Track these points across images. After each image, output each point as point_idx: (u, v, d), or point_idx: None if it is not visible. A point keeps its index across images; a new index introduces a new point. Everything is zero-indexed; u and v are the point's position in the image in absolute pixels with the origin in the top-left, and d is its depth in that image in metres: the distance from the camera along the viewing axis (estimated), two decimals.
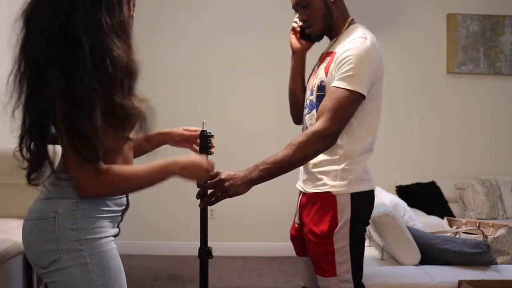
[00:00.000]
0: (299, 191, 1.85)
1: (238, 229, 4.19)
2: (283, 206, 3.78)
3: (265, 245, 4.16)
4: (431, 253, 2.54)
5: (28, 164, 1.18)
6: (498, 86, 4.39)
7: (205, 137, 1.51)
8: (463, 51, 4.31)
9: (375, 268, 2.54)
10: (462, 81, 4.35)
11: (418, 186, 4.11)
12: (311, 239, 1.69)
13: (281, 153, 1.57)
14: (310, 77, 1.85)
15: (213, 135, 1.51)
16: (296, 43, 1.91)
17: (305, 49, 1.91)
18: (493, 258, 2.53)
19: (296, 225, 1.85)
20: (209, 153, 1.51)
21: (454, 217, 3.64)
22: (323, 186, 1.68)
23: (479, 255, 2.49)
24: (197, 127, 1.57)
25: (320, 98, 1.68)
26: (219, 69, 4.20)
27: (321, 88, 1.69)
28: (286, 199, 3.49)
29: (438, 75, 4.35)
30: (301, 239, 1.82)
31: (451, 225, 2.95)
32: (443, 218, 3.10)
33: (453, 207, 4.04)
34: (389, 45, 4.18)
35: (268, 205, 4.07)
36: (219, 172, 1.49)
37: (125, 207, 1.30)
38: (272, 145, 4.15)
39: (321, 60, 1.80)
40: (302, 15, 1.79)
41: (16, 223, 2.31)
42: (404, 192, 4.05)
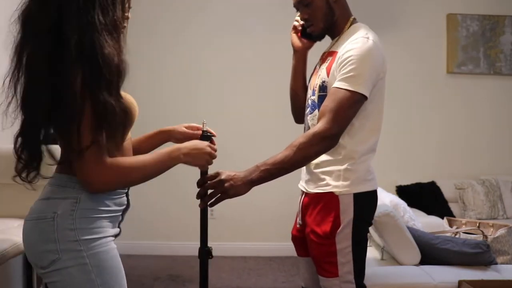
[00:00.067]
0: (301, 191, 1.83)
1: (238, 229, 4.19)
2: (283, 206, 3.78)
3: (265, 245, 4.16)
4: (431, 253, 2.54)
5: (22, 163, 1.18)
6: (498, 86, 4.39)
7: (205, 137, 1.51)
8: (463, 51, 4.30)
9: (375, 268, 2.54)
10: (462, 81, 4.35)
11: (418, 186, 4.11)
12: (313, 239, 1.68)
13: (281, 154, 1.55)
14: (312, 76, 1.84)
15: (213, 135, 1.51)
16: (297, 42, 1.88)
17: (306, 48, 1.89)
18: (493, 258, 2.53)
19: (298, 225, 1.83)
20: None
21: (454, 217, 3.64)
22: (325, 187, 1.67)
23: (479, 255, 2.49)
24: (198, 124, 1.57)
25: (321, 98, 1.67)
26: (219, 69, 4.20)
27: (323, 88, 1.68)
28: (286, 199, 3.49)
29: (438, 75, 4.35)
30: (302, 240, 1.80)
31: (451, 225, 2.95)
32: (443, 218, 3.10)
33: (453, 207, 4.03)
34: (389, 45, 4.17)
35: (268, 205, 4.07)
36: (219, 173, 1.49)
37: (125, 206, 1.30)
38: (272, 145, 4.14)
39: (322, 59, 1.78)
40: (303, 14, 1.77)
41: (16, 223, 2.31)
42: (404, 192, 4.05)
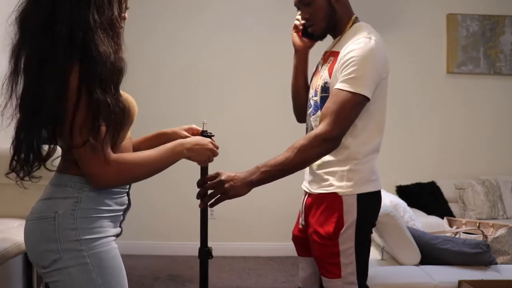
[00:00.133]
0: (304, 191, 1.82)
1: (238, 229, 4.18)
2: (283, 206, 3.78)
3: (265, 245, 4.16)
4: (431, 253, 2.54)
5: (15, 160, 1.18)
6: (498, 86, 4.38)
7: (205, 137, 1.51)
8: (463, 51, 4.30)
9: (375, 268, 2.54)
10: (462, 81, 4.35)
11: (418, 186, 4.11)
12: (316, 240, 1.67)
13: (282, 155, 1.54)
14: (313, 76, 1.82)
15: (213, 135, 1.51)
16: (298, 42, 1.86)
17: (307, 47, 1.87)
18: (493, 258, 2.53)
19: (300, 226, 1.81)
20: None
21: (454, 217, 3.64)
22: (329, 187, 1.66)
23: (479, 255, 2.49)
24: (198, 127, 1.57)
25: (324, 99, 1.65)
26: (219, 69, 4.20)
27: (325, 89, 1.66)
28: (287, 199, 3.49)
29: (438, 75, 4.35)
30: (304, 240, 1.79)
31: (451, 225, 2.95)
32: (443, 218, 3.10)
33: (453, 207, 4.03)
34: (389, 45, 4.13)
35: (268, 205, 4.07)
36: (219, 173, 1.49)
37: (126, 206, 1.30)
38: (272, 145, 4.13)
39: (324, 59, 1.76)
40: (304, 14, 1.74)
41: (16, 223, 2.31)
42: (404, 192, 4.05)
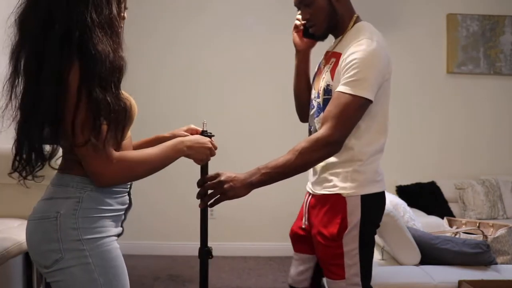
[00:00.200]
0: (307, 191, 1.82)
1: (238, 229, 4.18)
2: (283, 206, 3.78)
3: (265, 245, 4.16)
4: (431, 253, 2.54)
5: (17, 161, 1.19)
6: (498, 86, 4.38)
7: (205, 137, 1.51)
8: (463, 51, 4.30)
9: (375, 268, 2.53)
10: (462, 81, 4.35)
11: (418, 186, 4.11)
12: (320, 241, 1.66)
13: (283, 158, 1.53)
14: (316, 76, 1.80)
15: (213, 135, 1.51)
16: (299, 42, 1.84)
17: (308, 48, 1.85)
18: (493, 258, 2.54)
19: (303, 225, 1.80)
20: None
21: (454, 217, 3.64)
22: (332, 188, 1.65)
23: (479, 255, 2.49)
24: (197, 127, 1.57)
25: (326, 101, 1.63)
26: (219, 69, 4.20)
27: (328, 91, 1.64)
28: (286, 199, 3.49)
29: (438, 75, 4.35)
30: (304, 238, 1.79)
31: (451, 225, 2.95)
32: (443, 218, 3.10)
33: (453, 207, 4.03)
34: (389, 45, 4.13)
35: (268, 205, 4.07)
36: (219, 174, 1.48)
37: (127, 206, 1.30)
38: (272, 145, 4.13)
39: (326, 59, 1.74)
40: (304, 14, 1.72)
41: (16, 223, 2.31)
42: (404, 192, 4.05)
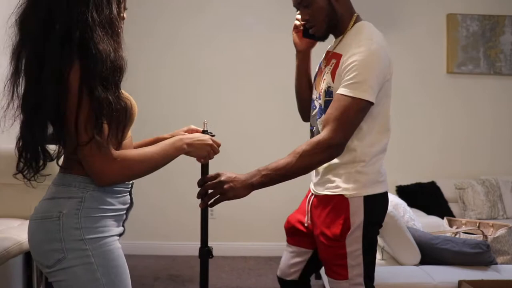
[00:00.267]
0: (309, 190, 1.82)
1: (238, 229, 4.18)
2: (283, 206, 3.77)
3: (265, 245, 4.16)
4: (431, 253, 2.54)
5: (22, 162, 1.19)
6: (498, 86, 4.39)
7: None
8: (463, 51, 4.30)
9: (376, 268, 2.54)
10: (462, 81, 4.35)
11: (418, 186, 4.11)
12: (323, 241, 1.66)
13: (284, 160, 1.53)
14: (317, 76, 1.79)
15: (214, 135, 1.51)
16: (299, 42, 1.83)
17: (309, 48, 1.84)
18: (493, 258, 2.53)
19: (306, 223, 1.80)
20: None
21: (454, 217, 3.64)
22: (335, 189, 1.65)
23: (479, 255, 2.49)
24: (198, 127, 1.57)
25: (328, 103, 1.62)
26: (219, 69, 4.19)
27: (329, 93, 1.64)
28: (287, 199, 3.49)
29: (438, 75, 4.35)
30: (305, 234, 1.80)
31: (451, 225, 2.95)
32: (443, 218, 3.10)
33: (453, 207, 4.03)
34: (389, 45, 4.14)
35: (268, 205, 4.07)
36: (220, 174, 1.49)
37: (129, 205, 1.31)
38: (272, 145, 4.13)
39: (327, 60, 1.73)
40: (304, 15, 1.70)
41: (17, 223, 2.31)
42: (404, 192, 4.05)
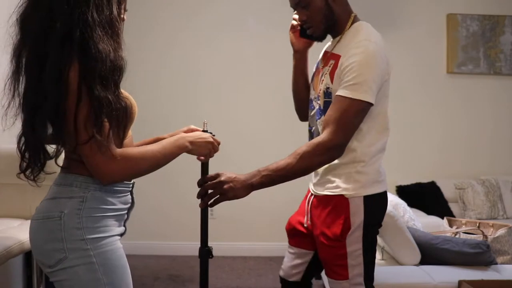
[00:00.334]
0: (308, 190, 1.82)
1: (238, 229, 4.18)
2: (283, 206, 3.77)
3: (265, 245, 4.16)
4: (431, 253, 2.54)
5: (25, 161, 1.19)
6: (498, 86, 4.39)
7: None
8: (463, 51, 4.30)
9: (375, 268, 2.53)
10: (462, 81, 4.35)
11: (418, 186, 4.11)
12: (323, 241, 1.66)
13: (284, 161, 1.53)
14: (314, 76, 1.78)
15: (214, 135, 1.51)
16: (296, 42, 1.82)
17: (306, 47, 1.84)
18: (493, 258, 2.53)
19: (305, 224, 1.81)
20: None
21: (454, 217, 3.64)
22: (335, 189, 1.65)
23: (479, 255, 2.49)
24: (197, 127, 1.57)
25: (327, 104, 1.63)
26: (219, 69, 4.19)
27: (328, 94, 1.64)
28: (286, 199, 3.48)
29: (438, 75, 4.35)
30: (306, 235, 1.80)
31: (451, 225, 2.95)
32: (443, 218, 3.10)
33: (453, 207, 4.03)
34: (389, 45, 4.13)
35: (268, 205, 4.06)
36: (219, 174, 1.49)
37: (130, 205, 1.31)
38: (271, 145, 4.12)
39: (325, 60, 1.72)
40: (301, 16, 1.69)
41: (16, 223, 2.31)
42: (404, 192, 4.05)
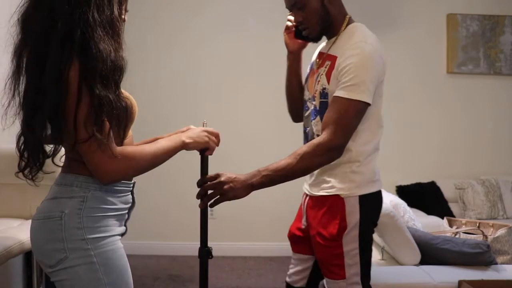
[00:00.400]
0: (304, 193, 1.82)
1: (238, 229, 4.18)
2: (283, 206, 3.78)
3: (265, 245, 4.16)
4: (431, 253, 2.54)
5: (24, 161, 1.20)
6: (498, 86, 4.39)
7: None
8: (463, 51, 4.30)
9: (375, 268, 2.53)
10: (462, 81, 4.35)
11: (418, 186, 4.11)
12: (319, 241, 1.66)
13: (284, 161, 1.54)
14: (309, 77, 1.79)
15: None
16: (291, 43, 1.83)
17: (300, 49, 1.84)
18: (493, 258, 2.53)
19: (303, 226, 1.81)
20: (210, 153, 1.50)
21: (454, 217, 3.63)
22: (330, 189, 1.65)
23: (479, 255, 2.49)
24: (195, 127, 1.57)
25: (323, 104, 1.64)
26: (219, 69, 4.19)
27: (324, 95, 1.64)
28: (286, 199, 3.49)
29: (438, 75, 4.35)
30: (302, 239, 1.80)
31: (451, 225, 2.95)
32: (443, 218, 3.10)
33: (453, 207, 4.03)
34: (389, 45, 4.16)
35: (268, 205, 4.07)
36: (219, 174, 1.49)
37: (131, 205, 1.31)
38: (271, 145, 4.12)
39: (321, 61, 1.72)
40: (297, 17, 1.70)
41: (16, 223, 2.31)
42: (404, 192, 4.05)
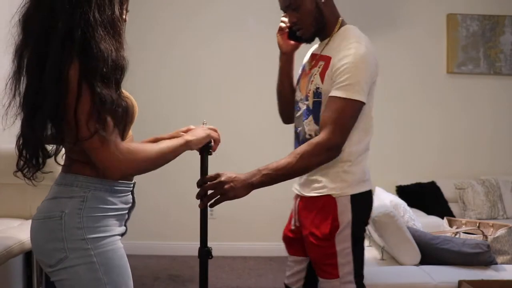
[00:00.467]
0: (295, 194, 1.83)
1: (238, 229, 4.18)
2: (283, 206, 3.76)
3: (265, 245, 4.16)
4: (431, 253, 2.54)
5: (23, 160, 1.20)
6: (498, 86, 4.39)
7: None
8: (463, 51, 4.30)
9: (375, 268, 2.54)
10: (462, 81, 4.35)
11: (418, 186, 4.11)
12: (312, 241, 1.67)
13: (284, 160, 1.56)
14: (301, 78, 1.80)
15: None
16: (284, 44, 1.83)
17: (293, 50, 1.85)
18: (493, 258, 2.53)
19: (292, 227, 1.83)
20: (209, 153, 1.50)
21: (454, 217, 3.63)
22: (322, 189, 1.66)
23: (479, 255, 2.49)
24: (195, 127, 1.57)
25: (316, 104, 1.65)
26: (219, 69, 4.19)
27: (317, 94, 1.66)
28: (286, 199, 3.48)
29: (438, 75, 4.35)
30: (295, 240, 1.82)
31: (451, 225, 2.95)
32: (443, 218, 3.10)
33: (453, 207, 4.03)
34: (389, 45, 4.17)
35: (268, 205, 4.06)
36: (219, 174, 1.49)
37: (131, 205, 1.31)
38: (271, 145, 4.12)
39: (314, 62, 1.73)
40: (292, 18, 1.71)
41: (16, 223, 2.31)
42: (404, 192, 4.05)
